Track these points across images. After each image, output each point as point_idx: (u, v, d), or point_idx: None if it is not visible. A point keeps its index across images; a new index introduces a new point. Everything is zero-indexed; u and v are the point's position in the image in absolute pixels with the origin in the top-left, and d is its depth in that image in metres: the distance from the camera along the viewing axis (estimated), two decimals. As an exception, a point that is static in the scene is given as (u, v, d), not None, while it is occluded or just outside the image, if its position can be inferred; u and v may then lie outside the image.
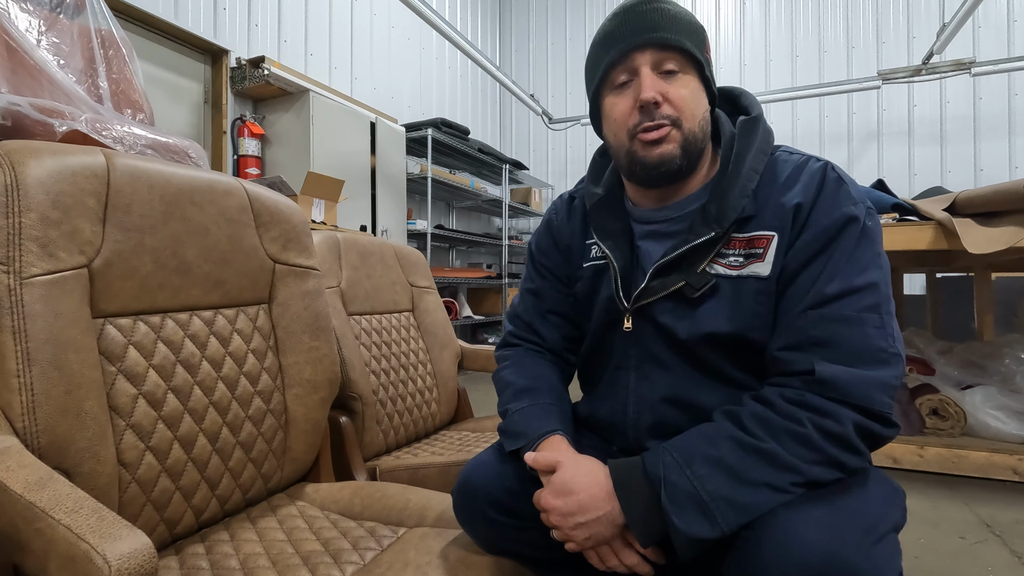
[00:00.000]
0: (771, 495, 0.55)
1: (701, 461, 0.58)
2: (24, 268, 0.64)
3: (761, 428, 0.59)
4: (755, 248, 0.66)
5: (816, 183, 0.65)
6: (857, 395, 0.57)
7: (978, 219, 1.75)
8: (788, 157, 0.69)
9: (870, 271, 0.62)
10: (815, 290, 0.62)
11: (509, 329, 0.90)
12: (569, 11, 5.39)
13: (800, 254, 0.64)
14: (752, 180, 0.67)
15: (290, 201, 1.04)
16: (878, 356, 0.59)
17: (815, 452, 0.57)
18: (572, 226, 0.85)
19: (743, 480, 0.56)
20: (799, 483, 0.56)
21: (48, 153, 0.70)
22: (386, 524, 0.88)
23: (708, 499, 0.56)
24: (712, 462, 0.58)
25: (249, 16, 3.00)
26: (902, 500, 0.61)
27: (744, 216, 0.66)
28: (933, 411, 2.02)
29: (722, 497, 0.56)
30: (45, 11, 1.53)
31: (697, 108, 0.68)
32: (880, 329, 0.60)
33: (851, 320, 0.60)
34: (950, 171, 4.13)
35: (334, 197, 2.71)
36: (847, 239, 0.62)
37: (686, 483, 0.58)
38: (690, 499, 0.57)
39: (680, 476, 0.58)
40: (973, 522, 1.54)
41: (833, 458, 0.57)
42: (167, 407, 0.79)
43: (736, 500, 0.56)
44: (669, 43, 0.66)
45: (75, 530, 0.49)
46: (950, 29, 3.25)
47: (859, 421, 0.57)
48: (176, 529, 0.80)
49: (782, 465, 0.56)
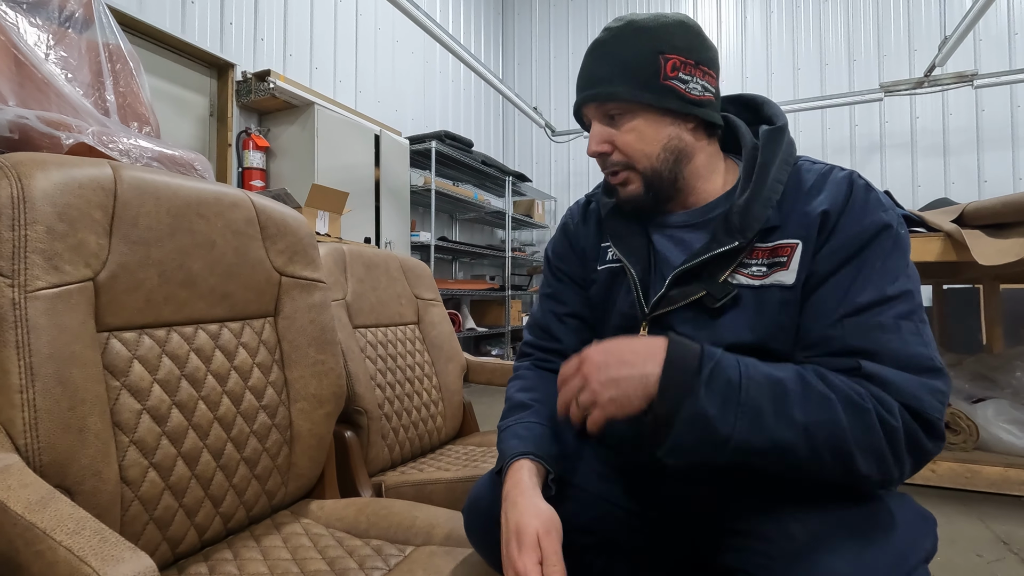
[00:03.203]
0: (799, 444, 0.52)
1: (763, 373, 0.55)
2: (29, 281, 0.63)
3: (824, 381, 0.55)
4: (779, 257, 0.65)
5: (844, 190, 0.64)
6: (908, 395, 0.54)
7: (987, 231, 1.73)
8: (811, 167, 0.69)
9: (902, 280, 0.60)
10: (848, 298, 0.60)
11: (526, 339, 0.89)
12: (571, 24, 5.44)
13: (829, 260, 0.62)
14: (776, 191, 0.66)
15: (296, 213, 1.03)
16: (923, 363, 0.56)
17: (867, 435, 0.53)
18: (588, 229, 0.84)
19: (786, 414, 0.53)
20: (837, 459, 0.52)
21: (55, 165, 0.70)
22: (393, 542, 0.86)
23: (744, 399, 0.53)
24: (772, 381, 0.55)
25: (255, 30, 3.03)
26: (933, 528, 0.58)
27: (768, 227, 0.65)
28: (944, 425, 1.99)
29: (756, 408, 0.53)
30: (54, 25, 1.54)
31: (648, 146, 0.69)
32: (918, 336, 0.58)
33: (887, 327, 0.58)
34: (953, 183, 4.13)
35: (338, 209, 2.71)
36: (880, 246, 0.61)
37: (735, 374, 0.55)
38: (727, 386, 0.54)
39: (732, 369, 0.55)
40: (990, 539, 1.51)
41: (880, 454, 0.53)
42: (171, 423, 0.77)
43: (765, 422, 0.53)
44: (600, 97, 0.69)
45: (77, 552, 0.47)
46: (952, 42, 3.26)
47: (909, 424, 0.53)
48: (179, 548, 0.78)
49: (833, 426, 0.52)
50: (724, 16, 4.84)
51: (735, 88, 4.74)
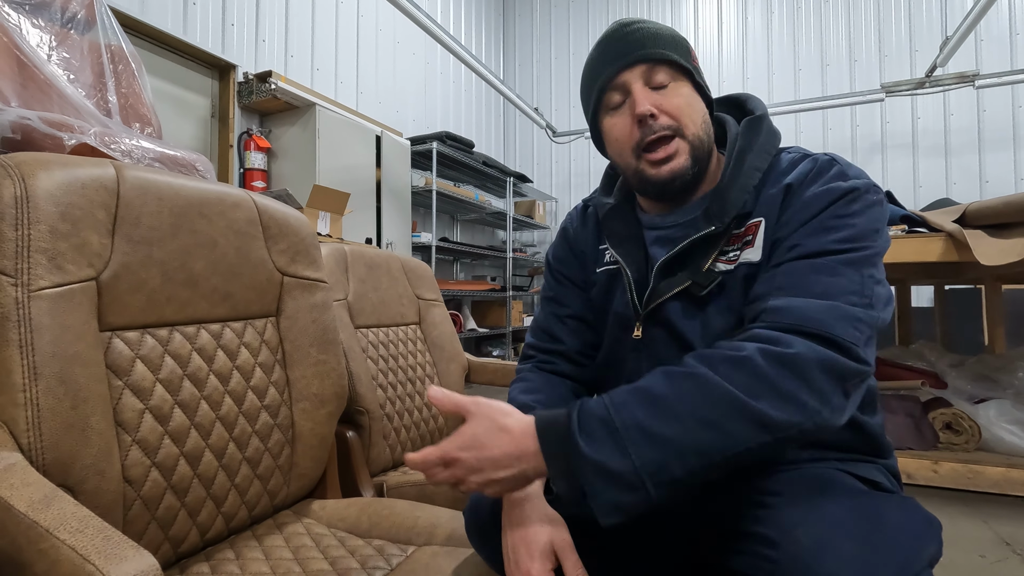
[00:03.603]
0: (702, 433, 0.49)
1: (626, 392, 0.54)
2: (32, 281, 0.63)
3: (697, 360, 0.54)
4: (747, 236, 0.66)
5: (807, 166, 0.66)
6: (810, 320, 0.52)
7: (989, 231, 1.73)
8: (788, 155, 0.70)
9: (864, 240, 0.58)
10: (795, 251, 0.59)
11: (528, 342, 0.89)
12: (573, 25, 5.44)
13: (786, 226, 0.62)
14: (753, 177, 0.67)
15: (298, 213, 1.03)
16: (845, 297, 0.54)
17: (759, 380, 0.50)
18: (586, 232, 0.85)
19: (666, 411, 0.50)
20: (744, 422, 0.49)
21: (58, 165, 0.70)
22: (395, 542, 0.86)
23: (620, 426, 0.50)
24: (633, 391, 0.53)
25: (257, 32, 3.03)
26: (938, 532, 0.56)
27: (744, 212, 0.66)
28: (947, 425, 1.98)
29: (635, 425, 0.50)
30: (56, 26, 1.54)
31: (695, 113, 0.69)
32: (857, 283, 0.55)
33: (822, 268, 0.56)
34: (955, 183, 4.13)
35: (340, 210, 2.72)
36: (842, 207, 0.60)
37: (601, 410, 0.52)
38: (602, 425, 0.51)
39: (598, 405, 0.53)
40: (992, 540, 1.50)
41: (784, 391, 0.49)
42: (173, 422, 0.78)
43: (652, 430, 0.50)
44: (655, 57, 0.68)
45: (80, 551, 0.47)
46: (953, 42, 3.26)
47: (815, 350, 0.51)
48: (181, 548, 0.78)
49: (716, 393, 0.50)
50: (725, 17, 4.84)
51: (736, 89, 4.74)
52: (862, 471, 0.65)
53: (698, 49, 4.91)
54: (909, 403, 2.06)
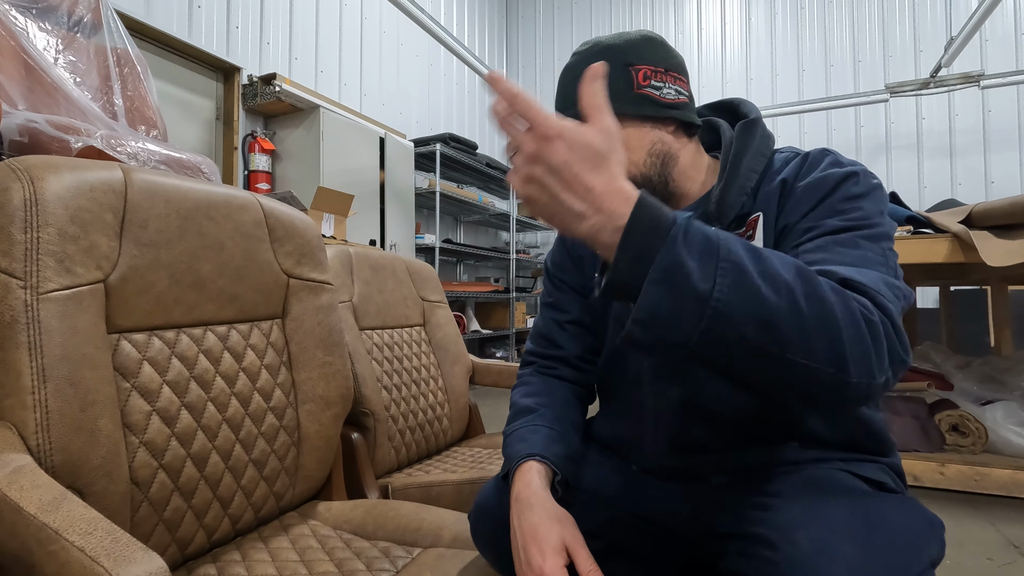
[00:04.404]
0: (787, 318, 0.45)
1: (730, 235, 0.49)
2: (41, 283, 0.64)
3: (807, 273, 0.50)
4: (747, 232, 0.67)
5: (799, 160, 0.67)
6: (875, 291, 0.51)
7: (995, 231, 1.72)
8: (782, 155, 0.71)
9: (872, 219, 0.59)
10: (810, 234, 0.60)
11: (529, 348, 0.89)
12: (575, 26, 5.44)
13: (791, 214, 0.64)
14: (750, 179, 0.68)
15: (304, 216, 1.03)
16: (876, 269, 0.55)
17: (852, 320, 0.47)
18: None
19: (770, 273, 0.46)
20: (827, 348, 0.46)
21: (67, 168, 0.70)
22: (400, 544, 0.86)
23: (723, 251, 0.46)
24: (743, 242, 0.49)
25: (261, 34, 3.05)
26: (940, 533, 0.56)
27: (743, 213, 0.68)
28: (953, 427, 1.97)
29: (737, 261, 0.46)
30: (63, 31, 1.55)
31: (634, 154, 0.70)
32: (881, 256, 0.56)
33: (846, 242, 0.58)
34: (960, 184, 4.11)
35: (344, 212, 2.72)
36: (843, 191, 0.61)
37: (709, 230, 0.47)
38: (706, 240, 0.46)
39: (707, 229, 0.48)
40: (1000, 543, 1.49)
41: (865, 347, 0.48)
42: (180, 424, 0.78)
43: (749, 282, 0.45)
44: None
45: (89, 553, 0.47)
46: (958, 42, 3.25)
47: (884, 321, 0.49)
48: (187, 549, 0.79)
49: (822, 299, 0.47)
50: (728, 18, 4.84)
51: (740, 90, 4.74)
52: (867, 471, 0.65)
53: (701, 50, 4.90)
54: (915, 405, 2.05)
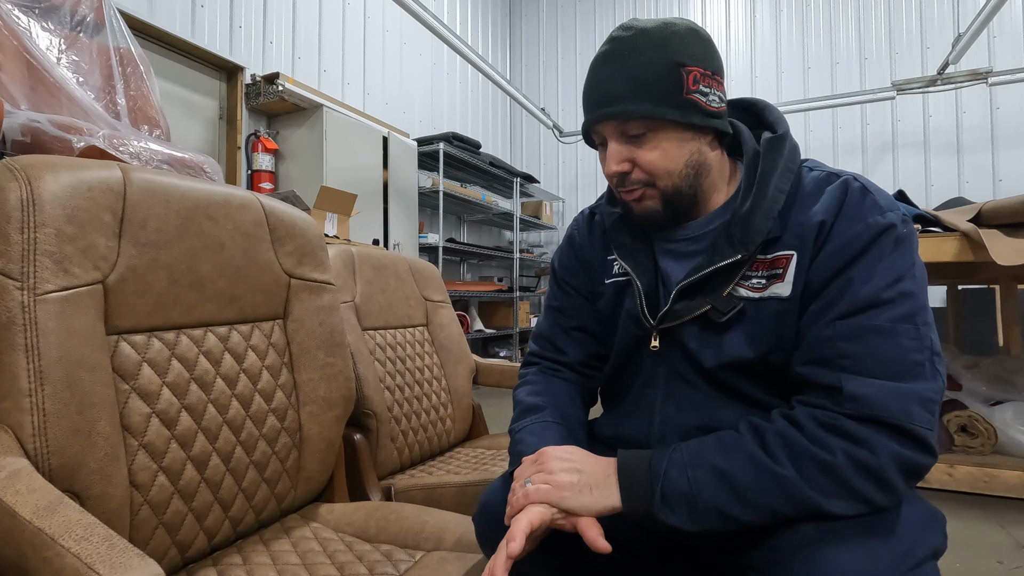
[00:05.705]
0: (772, 518, 0.55)
1: (708, 468, 0.56)
2: (38, 284, 0.63)
3: (784, 451, 0.55)
4: (776, 269, 0.64)
5: (837, 197, 0.63)
6: (895, 410, 0.53)
7: (1005, 230, 1.70)
8: (811, 173, 0.67)
9: (904, 280, 0.58)
10: (844, 300, 0.59)
11: (531, 349, 0.88)
12: (579, 25, 5.42)
13: (826, 266, 0.61)
14: (778, 201, 0.64)
15: (305, 215, 1.02)
16: (913, 369, 0.55)
17: (840, 485, 0.53)
18: (593, 242, 0.83)
19: (746, 501, 0.55)
20: (812, 515, 0.54)
21: (64, 168, 0.69)
22: (403, 547, 0.85)
23: (701, 506, 0.55)
24: (718, 473, 0.56)
25: (264, 34, 3.04)
26: (942, 525, 0.58)
27: (770, 238, 0.64)
28: (962, 428, 1.95)
29: (716, 509, 0.55)
30: (66, 30, 1.54)
31: (672, 164, 0.66)
32: (916, 340, 0.56)
33: (882, 331, 0.56)
34: (967, 181, 4.07)
35: (347, 211, 2.72)
36: (879, 248, 0.59)
37: (684, 484, 0.56)
38: (683, 500, 0.56)
39: (680, 475, 0.56)
40: (1010, 545, 1.47)
41: (859, 493, 0.53)
42: (180, 426, 0.77)
43: (730, 515, 0.55)
44: (625, 115, 0.65)
45: (85, 559, 0.46)
46: (965, 39, 3.22)
47: (897, 453, 0.53)
48: (188, 553, 0.78)
49: (798, 496, 0.54)
50: (733, 15, 4.81)
51: (744, 87, 4.71)
52: None
53: (706, 48, 4.87)
54: (923, 405, 2.02)
